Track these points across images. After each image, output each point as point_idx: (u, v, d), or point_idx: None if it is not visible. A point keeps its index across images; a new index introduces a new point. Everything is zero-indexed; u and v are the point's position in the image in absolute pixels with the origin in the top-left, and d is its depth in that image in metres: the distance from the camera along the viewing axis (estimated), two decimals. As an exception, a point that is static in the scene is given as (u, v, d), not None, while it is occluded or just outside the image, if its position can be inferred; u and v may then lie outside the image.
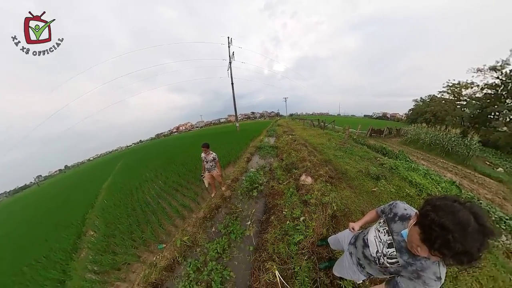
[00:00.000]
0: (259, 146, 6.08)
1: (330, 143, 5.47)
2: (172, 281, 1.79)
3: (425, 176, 3.32)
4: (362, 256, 0.83)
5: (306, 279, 1.50)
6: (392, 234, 0.68)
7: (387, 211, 0.77)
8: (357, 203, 2.38)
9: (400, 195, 2.58)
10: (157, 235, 2.55)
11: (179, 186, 4.12)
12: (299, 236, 1.90)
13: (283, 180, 3.29)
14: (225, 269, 1.79)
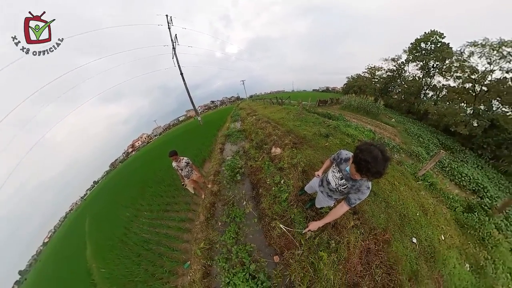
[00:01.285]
0: (227, 134, 6.08)
1: (289, 116, 6.37)
2: (215, 281, 2.07)
3: (355, 129, 5.21)
4: (328, 190, 1.36)
5: (300, 219, 2.28)
6: (342, 171, 1.18)
7: (336, 157, 1.25)
8: (317, 157, 3.34)
9: (342, 145, 3.88)
10: (177, 259, 2.69)
11: (167, 206, 3.93)
12: (284, 194, 2.62)
13: (257, 157, 3.81)
14: (245, 245, 2.26)
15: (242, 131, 5.93)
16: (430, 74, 11.93)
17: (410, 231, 2.25)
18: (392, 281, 1.82)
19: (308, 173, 2.79)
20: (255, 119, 6.88)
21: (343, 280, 1.81)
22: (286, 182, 2.77)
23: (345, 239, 2.05)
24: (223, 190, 3.23)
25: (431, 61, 11.39)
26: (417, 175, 3.20)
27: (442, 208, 2.74)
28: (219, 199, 3.11)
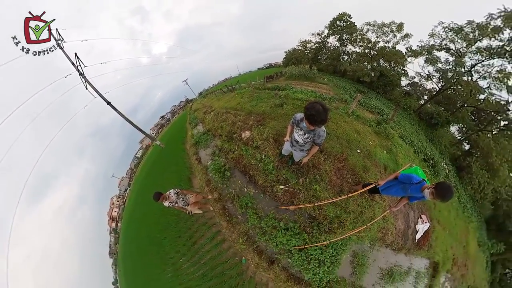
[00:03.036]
0: (195, 142, 5.71)
1: (244, 99, 6.55)
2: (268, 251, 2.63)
3: (301, 93, 6.37)
4: (299, 146, 1.95)
5: (290, 175, 3.01)
6: (302, 129, 1.69)
7: (294, 121, 1.77)
8: (280, 125, 4.02)
9: (295, 108, 4.68)
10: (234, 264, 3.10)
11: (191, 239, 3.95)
12: (270, 164, 3.20)
13: (233, 148, 4.06)
14: (267, 215, 2.88)
15: (207, 132, 5.66)
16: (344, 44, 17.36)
17: (354, 146, 3.53)
18: (356, 177, 3.00)
19: (279, 140, 3.43)
20: (214, 114, 6.57)
21: (333, 193, 2.75)
22: (267, 156, 3.35)
23: (323, 170, 2.98)
24: (223, 191, 3.43)
25: (344, 34, 16.64)
26: (348, 113, 4.77)
27: (365, 127, 4.34)
28: (225, 201, 3.34)
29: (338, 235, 2.57)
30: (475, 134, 9.28)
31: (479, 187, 7.51)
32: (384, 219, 3.11)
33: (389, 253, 3.13)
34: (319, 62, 17.66)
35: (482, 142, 8.32)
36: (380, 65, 13.63)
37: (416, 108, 11.64)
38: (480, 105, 9.08)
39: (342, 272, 2.77)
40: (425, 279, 3.50)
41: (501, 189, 7.80)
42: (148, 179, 9.82)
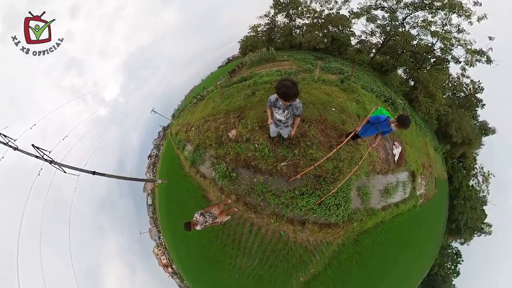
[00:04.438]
0: (191, 163, 5.82)
1: (216, 102, 6.72)
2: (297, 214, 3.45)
3: (267, 75, 6.86)
4: (283, 124, 2.26)
5: (286, 151, 3.53)
6: (280, 108, 1.93)
7: (270, 103, 2.00)
8: (259, 111, 4.42)
9: (266, 91, 5.10)
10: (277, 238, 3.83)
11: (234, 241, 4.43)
12: (265, 150, 3.65)
13: (227, 150, 4.31)
14: (282, 191, 3.45)
15: (197, 148, 5.79)
16: (293, 19, 18.39)
17: (329, 107, 4.24)
18: (338, 131, 3.71)
19: (264, 126, 3.82)
20: (195, 129, 6.65)
21: (325, 150, 3.37)
22: (259, 143, 3.76)
23: (310, 135, 3.56)
24: (237, 191, 3.85)
25: (290, 10, 17.65)
26: (315, 80, 5.47)
27: (333, 88, 5.13)
28: (243, 197, 3.77)
29: (341, 180, 3.21)
30: (415, 72, 12.14)
31: (426, 110, 10.56)
32: (370, 155, 3.94)
33: (381, 178, 4.15)
34: (275, 42, 18.47)
35: (422, 77, 11.30)
36: (330, 31, 15.33)
37: (368, 61, 13.87)
38: (414, 49, 11.71)
39: (355, 205, 3.60)
40: (409, 185, 5.02)
41: (440, 108, 11.02)
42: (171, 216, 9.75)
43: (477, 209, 11.77)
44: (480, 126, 13.44)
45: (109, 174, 7.17)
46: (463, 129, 11.29)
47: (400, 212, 4.58)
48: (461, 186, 11.45)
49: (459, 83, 13.03)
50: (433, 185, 7.26)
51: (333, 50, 14.71)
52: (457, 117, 11.43)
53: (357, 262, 3.93)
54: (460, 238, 12.15)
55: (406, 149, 5.26)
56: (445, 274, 11.22)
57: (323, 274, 3.93)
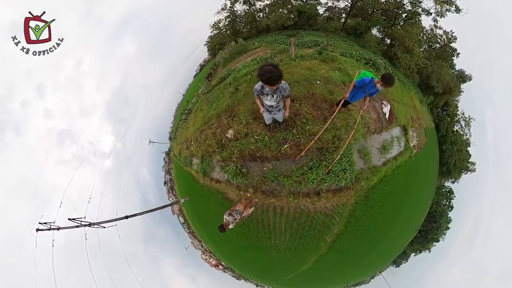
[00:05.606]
0: (203, 174, 6.08)
1: (204, 110, 6.90)
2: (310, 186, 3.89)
3: (245, 67, 6.83)
4: (275, 109, 2.45)
5: (285, 134, 3.80)
6: (268, 93, 2.05)
7: (257, 93, 2.12)
8: (249, 104, 4.57)
9: (250, 84, 5.16)
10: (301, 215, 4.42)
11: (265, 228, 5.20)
12: (265, 138, 3.89)
13: (230, 150, 4.52)
14: (292, 170, 3.83)
15: (203, 159, 6.03)
16: (252, 3, 17.63)
17: (313, 81, 4.49)
18: (328, 102, 4.01)
19: (258, 116, 4.03)
20: (194, 142, 6.91)
21: (321, 123, 3.68)
22: (258, 134, 3.99)
23: (303, 112, 3.83)
24: (252, 184, 4.22)
25: None
26: (293, 58, 5.63)
27: (313, 61, 5.33)
28: (259, 187, 4.15)
29: (342, 147, 3.58)
30: (389, 29, 12.37)
31: (406, 66, 11.15)
32: (363, 118, 4.34)
33: (377, 137, 4.64)
34: (241, 32, 17.89)
35: (397, 34, 11.67)
36: (294, 5, 14.92)
37: (341, 27, 13.88)
38: (384, 7, 11.85)
39: (359, 166, 4.06)
40: (403, 138, 5.69)
41: (419, 61, 11.58)
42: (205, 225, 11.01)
43: (462, 151, 13.46)
44: (457, 75, 14.38)
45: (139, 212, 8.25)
46: (443, 79, 12.05)
47: (399, 164, 5.21)
48: (447, 132, 12.77)
49: (433, 34, 13.47)
50: (423, 135, 8.08)
51: (303, 24, 14.48)
52: (436, 68, 12.11)
53: (371, 214, 4.57)
54: (451, 178, 14.08)
55: (394, 106, 5.77)
56: (442, 210, 13.21)
57: (345, 231, 4.60)
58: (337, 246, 4.93)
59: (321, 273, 6.60)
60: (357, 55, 7.66)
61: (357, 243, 5.05)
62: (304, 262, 5.90)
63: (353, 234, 4.71)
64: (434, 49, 14.46)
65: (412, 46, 11.21)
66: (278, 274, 7.90)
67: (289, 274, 7.49)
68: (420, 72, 12.01)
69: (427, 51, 13.86)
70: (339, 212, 4.34)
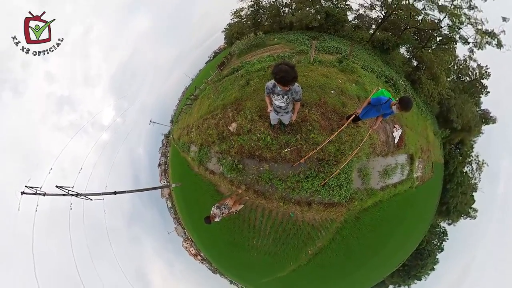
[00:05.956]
0: (198, 162, 6.17)
1: (211, 99, 6.88)
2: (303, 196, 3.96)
3: (259, 62, 6.77)
4: (283, 110, 2.43)
5: (288, 137, 3.82)
6: (279, 94, 2.02)
7: (268, 91, 2.08)
8: (257, 101, 4.56)
9: (261, 79, 5.18)
10: (287, 219, 4.47)
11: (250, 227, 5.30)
12: (267, 138, 3.90)
13: (230, 144, 4.55)
14: (288, 175, 3.88)
15: (201, 147, 6.11)
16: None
17: (328, 89, 4.45)
18: (339, 114, 3.99)
19: (264, 114, 4.03)
20: (196, 129, 6.98)
21: (327, 134, 3.67)
22: (261, 133, 4.00)
23: (311, 119, 3.82)
24: (246, 181, 4.23)
25: None
26: (311, 61, 5.58)
27: (331, 69, 5.28)
28: (252, 186, 4.17)
29: (344, 163, 3.59)
30: (419, 51, 11.89)
31: (428, 93, 10.68)
32: (370, 137, 4.32)
33: (381, 159, 4.62)
34: (262, 25, 17.52)
35: (426, 57, 11.14)
36: (323, 6, 14.46)
37: (368, 38, 12.92)
38: (419, 25, 11.20)
39: (356, 185, 4.08)
40: (407, 167, 5.63)
41: (443, 91, 11.18)
42: (191, 213, 11.29)
43: (467, 194, 13.15)
44: (481, 114, 13.79)
45: (129, 190, 8.38)
46: (464, 115, 11.57)
47: (397, 192, 5.19)
48: (455, 171, 12.49)
49: (465, 66, 12.74)
50: (430, 168, 8.01)
51: (328, 28, 14.00)
52: (459, 102, 11.68)
53: (358, 236, 4.63)
54: (448, 219, 13.79)
55: (406, 132, 5.74)
56: (431, 249, 13.10)
57: (328, 247, 4.66)
58: (318, 260, 5.00)
59: (296, 283, 6.69)
60: (378, 71, 7.57)
61: (338, 262, 5.14)
62: (282, 269, 6.00)
63: (335, 252, 4.76)
64: (463, 81, 13.88)
65: (440, 73, 10.78)
66: (254, 275, 8.07)
67: (265, 278, 7.63)
68: (441, 103, 11.65)
69: (454, 82, 13.34)
70: (326, 227, 4.39)
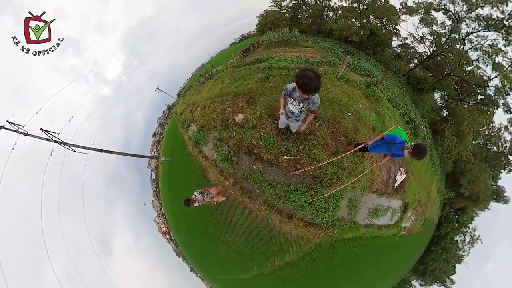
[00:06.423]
0: (194, 143, 6.26)
1: (225, 82, 6.86)
2: (287, 209, 4.10)
3: (285, 60, 6.67)
4: (294, 117, 2.37)
5: (290, 145, 3.85)
6: (296, 99, 1.99)
7: (286, 92, 2.04)
8: (271, 99, 4.58)
9: (282, 78, 5.18)
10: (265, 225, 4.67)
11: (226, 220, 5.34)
12: (270, 140, 3.96)
13: (231, 134, 4.61)
14: (279, 183, 3.96)
15: (201, 129, 6.16)
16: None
17: (346, 110, 4.45)
18: (348, 138, 4.01)
19: (273, 114, 4.08)
20: (201, 109, 6.96)
21: (330, 154, 3.72)
22: (265, 132, 4.05)
23: (319, 135, 3.85)
24: (236, 175, 4.29)
25: None
26: (338, 76, 5.56)
27: (356, 90, 5.27)
28: (241, 182, 4.24)
29: (337, 187, 3.64)
30: (454, 103, 11.33)
31: (447, 149, 10.20)
32: (372, 172, 4.37)
33: (375, 197, 4.67)
34: (300, 23, 17.06)
35: (459, 112, 10.58)
36: (371, 22, 13.86)
37: (405, 71, 12.45)
38: (465, 76, 10.50)
39: (341, 214, 4.15)
40: (398, 214, 5.68)
41: (463, 152, 10.66)
42: (172, 191, 11.49)
43: (449, 263, 12.78)
44: (495, 190, 13.12)
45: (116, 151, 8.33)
46: (476, 184, 11.03)
47: (380, 235, 5.29)
48: (446, 236, 12.25)
49: (497, 135, 12.12)
50: (421, 224, 7.99)
51: (368, 47, 13.45)
52: (476, 169, 11.12)
53: (327, 264, 4.73)
54: (422, 280, 13.51)
55: (409, 179, 5.76)
56: None
57: (295, 265, 4.77)
58: (281, 273, 5.12)
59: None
60: (404, 109, 7.48)
61: (300, 282, 5.21)
62: (245, 272, 6.13)
63: (300, 272, 4.85)
64: (488, 149, 13.16)
65: (467, 133, 10.18)
66: (217, 269, 8.28)
67: (226, 275, 7.84)
68: (457, 163, 11.14)
69: (479, 147, 12.71)
70: (300, 245, 4.47)
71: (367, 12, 13.80)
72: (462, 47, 10.19)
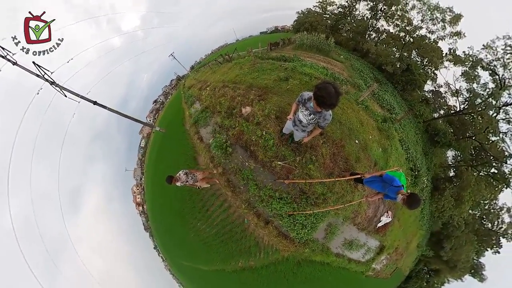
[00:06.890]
0: (194, 122, 6.30)
1: (243, 70, 6.83)
2: (265, 214, 4.20)
3: (311, 67, 6.61)
4: (301, 126, 2.41)
5: (289, 152, 3.91)
6: (308, 109, 2.02)
7: (300, 100, 2.09)
8: (283, 101, 4.64)
9: (301, 84, 5.22)
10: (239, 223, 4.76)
11: (203, 208, 5.48)
12: (270, 141, 4.03)
13: (233, 124, 4.67)
14: (266, 186, 4.02)
15: (205, 109, 6.19)
16: (376, 17, 15.36)
17: (354, 136, 4.53)
18: (348, 165, 4.09)
19: (281, 117, 4.09)
20: (210, 89, 6.98)
21: (324, 174, 3.82)
22: (267, 132, 4.11)
23: (319, 152, 3.94)
24: (226, 166, 4.35)
25: (380, 4, 14.51)
26: (358, 101, 5.63)
27: (370, 120, 5.35)
28: (228, 174, 4.33)
29: (321, 209, 3.76)
30: (465, 167, 11.06)
31: (441, 209, 10.11)
32: (359, 205, 4.52)
33: (354, 230, 4.82)
34: (339, 33, 16.65)
35: (466, 177, 10.33)
36: (411, 57, 13.49)
37: (427, 119, 12.18)
38: (486, 145, 10.18)
39: (317, 235, 4.28)
40: (372, 254, 5.87)
41: (456, 217, 10.64)
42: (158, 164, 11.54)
43: None
44: (475, 264, 13.15)
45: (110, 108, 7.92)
46: (458, 252, 11.18)
47: (348, 267, 5.45)
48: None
49: (496, 214, 12.05)
50: (391, 271, 8.15)
51: (399, 81, 13.15)
52: (463, 239, 11.19)
53: (289, 280, 4.84)
54: None
55: (394, 224, 5.92)
56: None
57: (257, 271, 4.94)
58: (242, 275, 5.26)
59: (211, 282, 7.01)
60: (412, 155, 7.57)
61: (257, 287, 5.39)
62: (207, 263, 6.29)
63: (261, 279, 4.99)
64: (483, 223, 12.76)
65: (467, 201, 9.97)
66: (180, 253, 8.41)
67: (187, 261, 8.00)
68: (446, 226, 11.17)
69: (474, 219, 12.39)
70: (268, 252, 4.59)
71: (412, 46, 13.47)
72: (495, 115, 9.90)
